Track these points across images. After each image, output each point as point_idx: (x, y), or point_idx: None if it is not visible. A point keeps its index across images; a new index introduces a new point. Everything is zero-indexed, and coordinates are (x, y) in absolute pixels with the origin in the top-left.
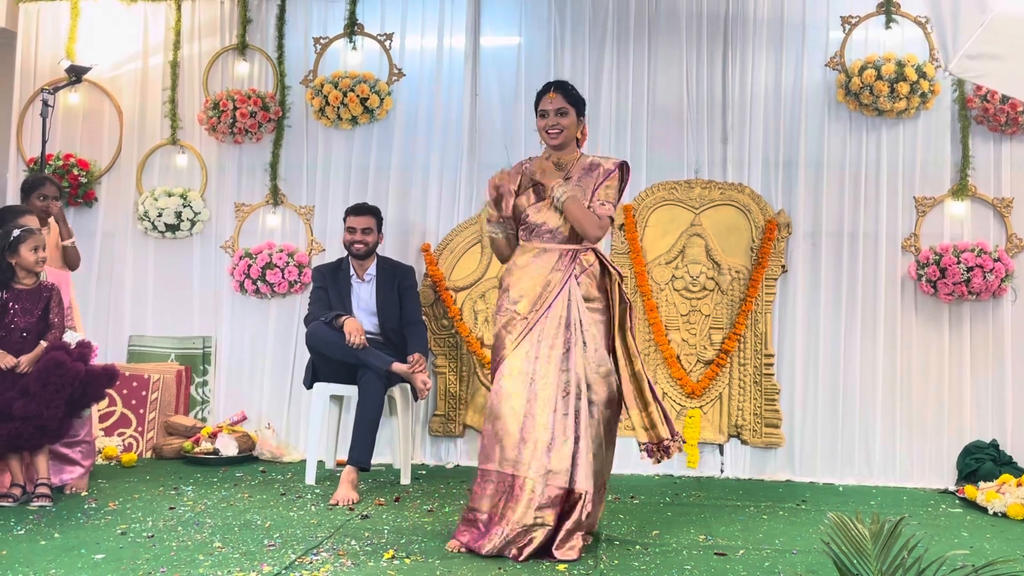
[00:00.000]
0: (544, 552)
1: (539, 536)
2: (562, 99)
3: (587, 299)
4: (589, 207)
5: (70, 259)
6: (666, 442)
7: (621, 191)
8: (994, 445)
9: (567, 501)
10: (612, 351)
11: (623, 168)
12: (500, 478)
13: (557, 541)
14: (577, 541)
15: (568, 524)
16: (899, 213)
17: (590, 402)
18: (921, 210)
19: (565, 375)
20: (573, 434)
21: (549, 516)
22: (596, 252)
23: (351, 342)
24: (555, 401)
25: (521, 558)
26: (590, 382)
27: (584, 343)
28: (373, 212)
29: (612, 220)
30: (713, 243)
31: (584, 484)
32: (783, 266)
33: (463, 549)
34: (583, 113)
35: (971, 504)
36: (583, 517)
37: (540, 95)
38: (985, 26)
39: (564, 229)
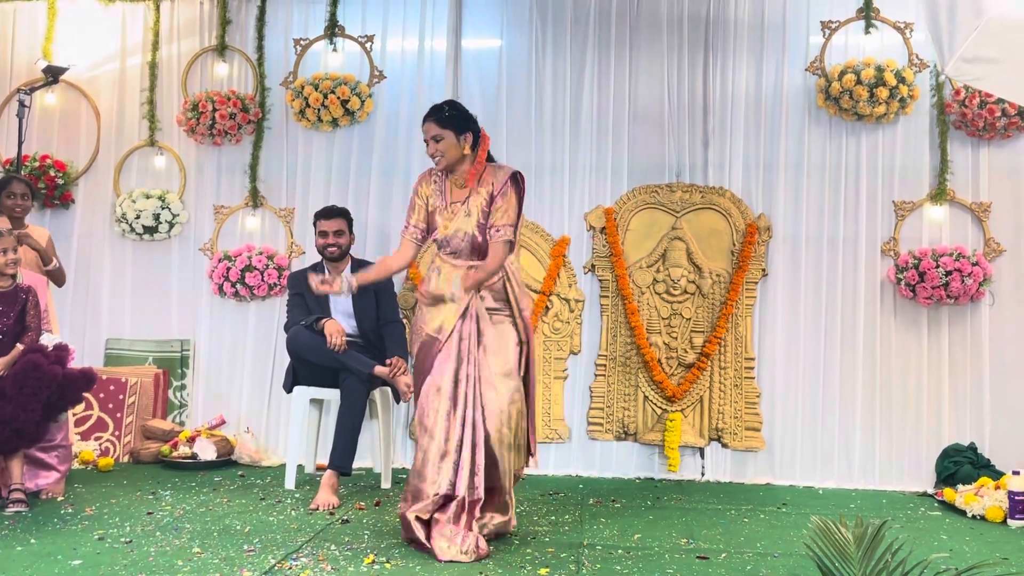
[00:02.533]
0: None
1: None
2: (435, 126)
3: (490, 309)
4: (489, 228)
5: (56, 280)
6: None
7: (520, 202)
8: (972, 448)
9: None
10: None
11: (515, 179)
12: None
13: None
14: (462, 539)
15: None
16: (878, 217)
17: (483, 409)
18: (900, 214)
19: (455, 386)
20: (457, 442)
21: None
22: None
23: (332, 344)
24: (448, 412)
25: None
26: (483, 390)
27: (482, 351)
28: (343, 214)
29: (512, 242)
30: (694, 246)
31: (462, 489)
32: (763, 270)
33: None
34: (466, 129)
35: (950, 507)
36: (465, 517)
37: (422, 126)
38: (980, 29)
39: (465, 247)
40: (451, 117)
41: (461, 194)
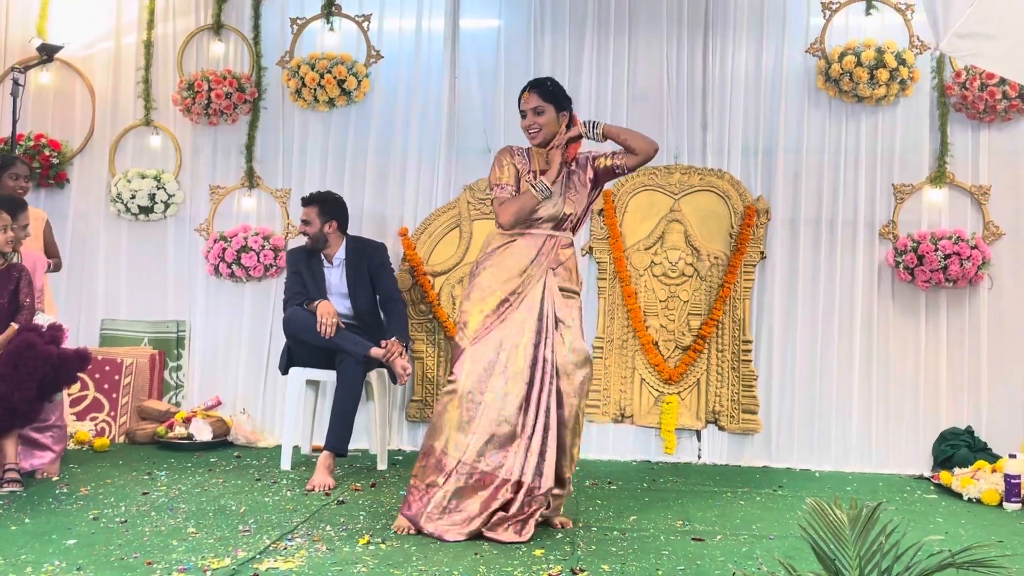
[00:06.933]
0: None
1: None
2: (538, 97)
3: (562, 290)
4: (596, 181)
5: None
6: None
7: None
8: (969, 431)
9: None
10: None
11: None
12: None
13: (492, 523)
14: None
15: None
16: (877, 200)
17: (560, 392)
18: (899, 197)
19: (531, 369)
20: (531, 428)
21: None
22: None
23: (321, 328)
24: (521, 396)
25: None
26: (566, 372)
27: (561, 334)
28: (314, 200)
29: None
30: (692, 229)
31: (528, 477)
32: (762, 252)
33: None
34: (565, 108)
35: (946, 490)
36: (526, 507)
37: (520, 95)
38: (976, 4)
39: (549, 217)
40: (554, 92)
41: (547, 170)
